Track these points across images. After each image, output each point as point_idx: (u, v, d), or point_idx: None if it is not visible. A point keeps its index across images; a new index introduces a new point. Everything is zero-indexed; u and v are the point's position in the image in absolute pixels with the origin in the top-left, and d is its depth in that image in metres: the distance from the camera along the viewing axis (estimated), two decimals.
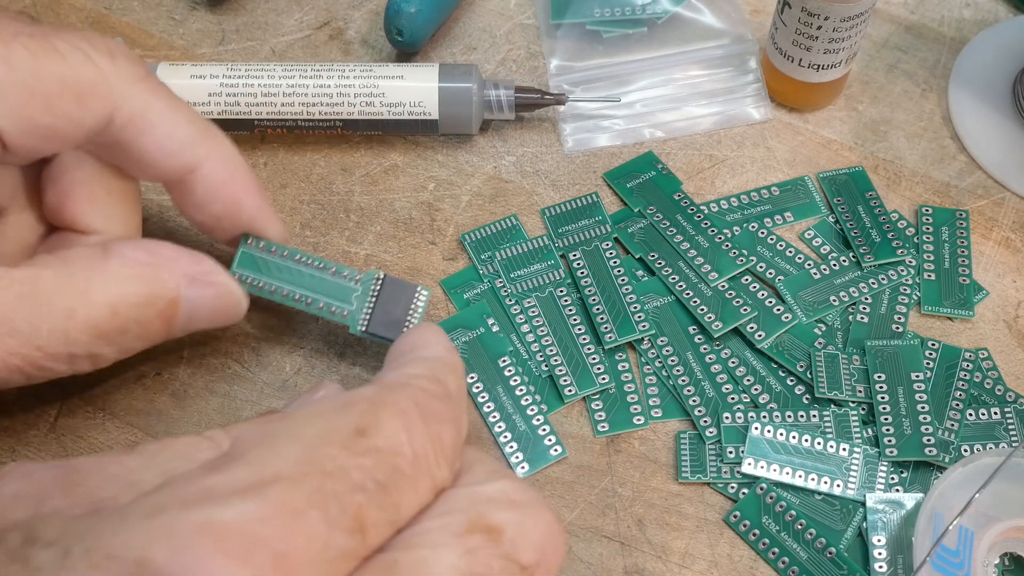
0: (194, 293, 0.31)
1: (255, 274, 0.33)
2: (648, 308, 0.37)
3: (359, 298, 0.33)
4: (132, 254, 0.30)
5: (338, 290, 0.33)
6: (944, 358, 0.36)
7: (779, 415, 0.35)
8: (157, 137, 0.30)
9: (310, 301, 0.33)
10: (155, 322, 0.30)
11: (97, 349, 0.29)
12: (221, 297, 0.32)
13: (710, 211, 0.40)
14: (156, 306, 0.30)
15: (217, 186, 0.32)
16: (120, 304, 0.29)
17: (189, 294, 0.31)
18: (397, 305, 0.34)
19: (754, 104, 0.43)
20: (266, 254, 0.33)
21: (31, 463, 0.24)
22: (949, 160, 0.42)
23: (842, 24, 0.39)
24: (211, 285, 0.31)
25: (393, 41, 0.43)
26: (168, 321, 0.31)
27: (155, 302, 0.30)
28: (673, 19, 0.45)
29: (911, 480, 0.34)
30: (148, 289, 0.30)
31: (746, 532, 0.33)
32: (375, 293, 0.33)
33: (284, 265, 0.33)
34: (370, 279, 0.34)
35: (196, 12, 0.46)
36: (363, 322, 0.33)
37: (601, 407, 0.36)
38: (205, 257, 0.31)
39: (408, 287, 0.34)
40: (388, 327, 0.33)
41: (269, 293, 0.33)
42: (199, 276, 0.31)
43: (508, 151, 0.42)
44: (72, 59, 0.28)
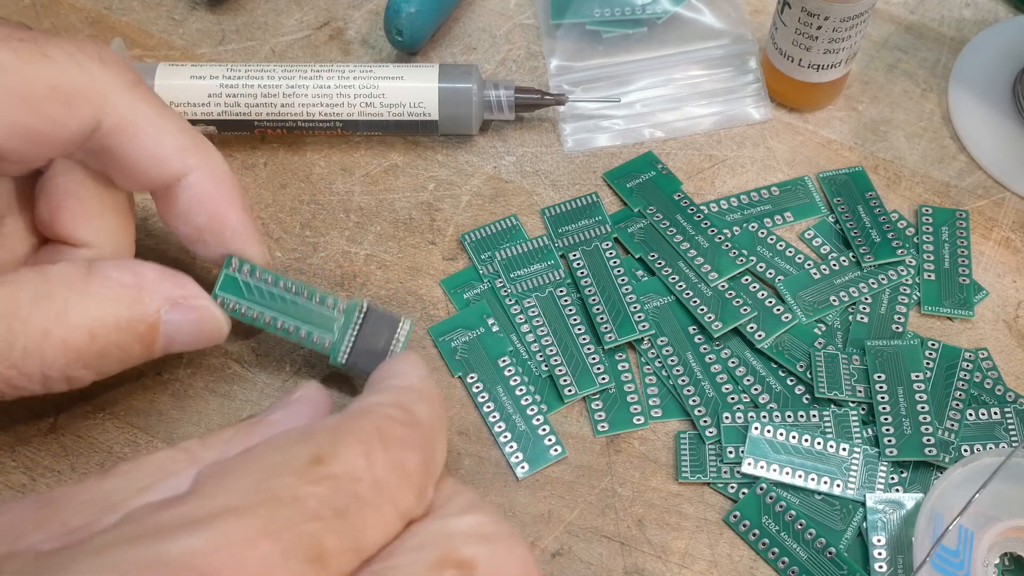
0: (175, 317, 0.30)
1: (237, 298, 0.32)
2: (648, 308, 0.37)
3: (341, 328, 0.33)
4: (115, 275, 0.30)
5: (321, 319, 0.33)
6: (944, 358, 0.36)
7: (779, 415, 0.35)
8: (145, 144, 0.30)
9: (292, 329, 0.33)
10: (134, 345, 0.30)
11: (73, 372, 0.29)
12: (202, 321, 0.31)
13: (710, 211, 0.40)
14: (136, 330, 0.30)
15: (202, 197, 0.31)
16: (99, 327, 0.29)
17: (170, 318, 0.30)
18: (379, 337, 0.33)
19: (754, 104, 0.43)
20: (249, 278, 0.33)
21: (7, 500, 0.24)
22: (949, 160, 0.42)
23: (842, 24, 0.39)
24: (193, 310, 0.31)
25: (393, 41, 0.43)
26: (148, 345, 0.30)
27: (135, 326, 0.30)
28: (673, 19, 0.45)
29: (911, 480, 0.34)
30: (128, 312, 0.29)
31: (746, 532, 0.33)
32: (358, 324, 0.33)
33: (267, 291, 0.33)
34: (353, 309, 0.33)
35: (196, 12, 0.46)
36: (344, 353, 0.33)
37: (601, 407, 0.36)
38: (189, 280, 0.31)
39: (391, 319, 0.33)
40: (369, 359, 0.33)
41: (251, 319, 0.33)
42: (181, 300, 0.31)
43: (508, 151, 0.42)
44: (61, 63, 0.28)
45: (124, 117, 0.29)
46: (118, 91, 0.29)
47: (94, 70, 0.29)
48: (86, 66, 0.29)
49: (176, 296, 0.31)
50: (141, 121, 0.30)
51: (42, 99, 0.28)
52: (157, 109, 0.30)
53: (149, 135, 0.30)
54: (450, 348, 0.37)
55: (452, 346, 0.37)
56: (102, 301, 0.29)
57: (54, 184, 0.31)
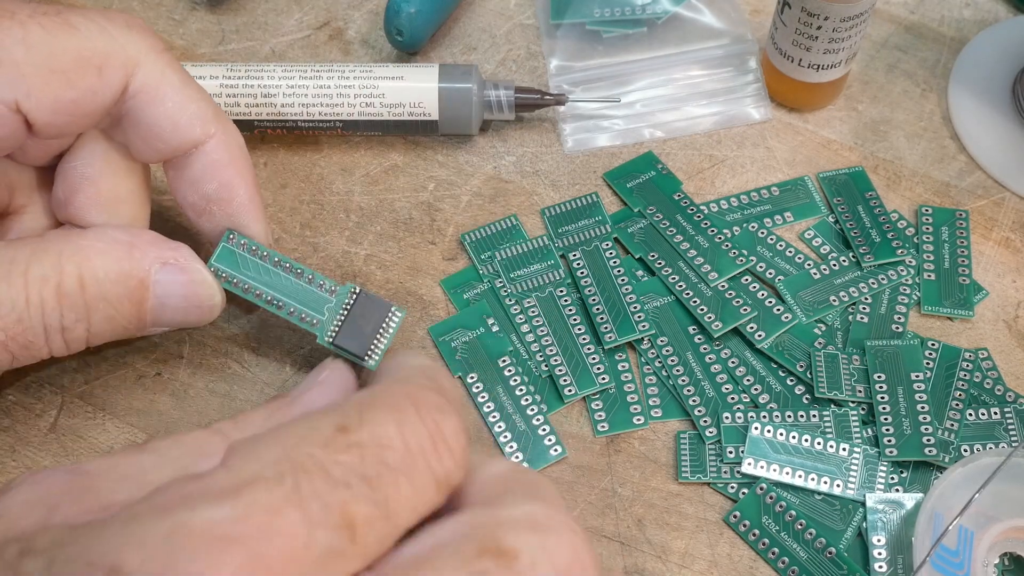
0: (166, 278, 0.31)
1: (232, 270, 0.33)
2: (648, 308, 0.37)
3: (331, 309, 0.33)
4: (109, 231, 0.30)
5: (312, 298, 0.33)
6: (944, 358, 0.36)
7: (779, 415, 0.35)
8: (168, 108, 0.31)
9: (282, 305, 0.33)
10: (124, 303, 0.30)
11: (68, 322, 0.29)
12: (193, 284, 0.31)
13: (710, 211, 0.40)
14: (126, 284, 0.30)
15: (216, 164, 0.32)
16: (88, 276, 0.29)
17: (161, 278, 0.31)
18: (369, 322, 0.33)
19: (754, 104, 0.43)
20: (246, 252, 0.33)
21: (43, 470, 0.24)
22: (949, 160, 0.42)
23: (842, 24, 0.39)
24: (184, 271, 0.31)
25: (393, 41, 0.43)
26: (138, 304, 0.30)
27: (125, 280, 0.30)
28: (673, 19, 0.45)
29: (911, 480, 0.34)
30: (118, 266, 0.30)
31: (746, 532, 0.33)
32: (348, 307, 0.33)
33: (262, 266, 0.33)
34: (345, 292, 0.33)
35: (196, 12, 0.46)
36: (331, 333, 0.33)
37: (601, 407, 0.36)
38: (184, 246, 0.31)
39: (383, 305, 0.33)
40: (356, 342, 0.32)
41: (243, 291, 0.33)
42: (173, 261, 0.31)
43: (508, 151, 0.42)
44: (88, 33, 0.29)
45: (150, 81, 0.30)
46: (145, 55, 0.30)
47: (121, 36, 0.29)
48: (113, 33, 0.29)
49: (168, 256, 0.31)
50: (166, 86, 0.30)
51: (74, 69, 0.28)
52: (181, 76, 0.31)
53: (173, 100, 0.30)
54: (450, 348, 0.37)
55: (452, 346, 0.37)
56: (94, 253, 0.30)
57: (71, 167, 0.32)
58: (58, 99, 0.28)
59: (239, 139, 0.33)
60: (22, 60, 0.28)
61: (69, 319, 0.29)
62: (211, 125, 0.31)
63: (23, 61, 0.28)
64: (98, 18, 0.29)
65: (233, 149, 0.32)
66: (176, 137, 0.31)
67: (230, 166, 0.32)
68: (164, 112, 0.31)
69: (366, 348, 0.32)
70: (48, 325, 0.29)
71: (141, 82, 0.30)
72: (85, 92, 0.29)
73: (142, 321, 0.31)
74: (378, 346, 0.32)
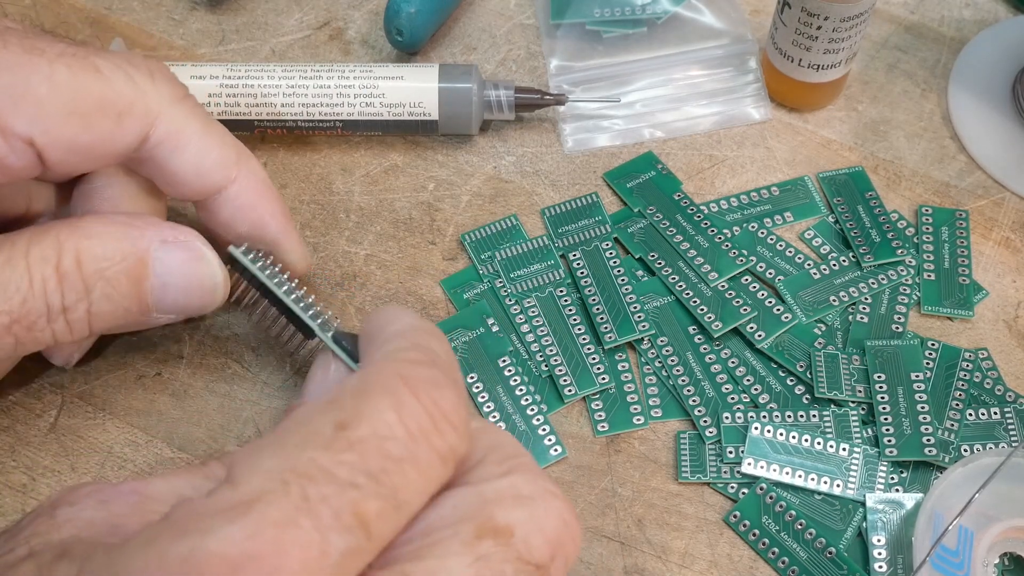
0: (166, 255, 0.30)
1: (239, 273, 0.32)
2: (648, 308, 0.37)
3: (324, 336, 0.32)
4: (111, 215, 0.31)
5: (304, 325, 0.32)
6: (944, 358, 0.36)
7: (779, 415, 0.35)
8: (190, 157, 0.31)
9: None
10: (123, 280, 0.30)
11: (69, 301, 0.29)
12: (194, 262, 0.31)
13: (710, 211, 0.40)
14: (124, 262, 0.30)
15: (244, 207, 0.32)
16: (86, 255, 0.29)
17: (161, 255, 0.30)
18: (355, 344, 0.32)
19: (754, 104, 0.43)
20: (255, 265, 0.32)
21: (106, 486, 0.24)
22: (949, 160, 0.42)
23: (842, 24, 0.39)
24: (185, 248, 0.31)
25: (393, 41, 0.43)
26: (137, 282, 0.30)
27: (123, 258, 0.30)
28: (673, 19, 0.45)
29: (911, 480, 0.34)
30: (116, 245, 0.30)
31: (746, 532, 0.33)
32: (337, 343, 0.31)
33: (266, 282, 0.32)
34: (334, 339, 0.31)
35: (196, 12, 0.46)
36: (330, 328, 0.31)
37: (601, 407, 0.36)
38: (188, 228, 0.31)
39: None
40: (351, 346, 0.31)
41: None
42: (173, 239, 0.30)
43: (508, 151, 0.42)
44: (113, 78, 0.29)
45: (171, 130, 0.30)
46: (166, 105, 0.30)
47: (144, 84, 0.30)
48: (137, 80, 0.29)
49: (169, 235, 0.30)
50: (187, 135, 0.31)
51: (93, 114, 0.29)
52: (203, 123, 0.31)
53: (194, 149, 0.31)
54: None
55: (452, 346, 0.37)
56: (92, 233, 0.29)
57: (91, 188, 0.32)
58: (74, 140, 0.28)
59: (262, 174, 0.33)
60: (44, 97, 0.28)
61: (70, 299, 0.29)
62: (232, 169, 0.32)
63: (45, 99, 0.28)
64: (124, 64, 0.29)
65: (258, 188, 0.33)
66: (199, 183, 0.31)
67: (257, 207, 0.32)
68: (186, 160, 0.31)
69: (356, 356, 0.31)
70: (50, 305, 0.29)
71: (163, 132, 0.30)
72: (102, 136, 0.29)
73: (143, 302, 0.31)
74: None
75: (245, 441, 0.35)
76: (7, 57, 0.28)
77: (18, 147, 0.28)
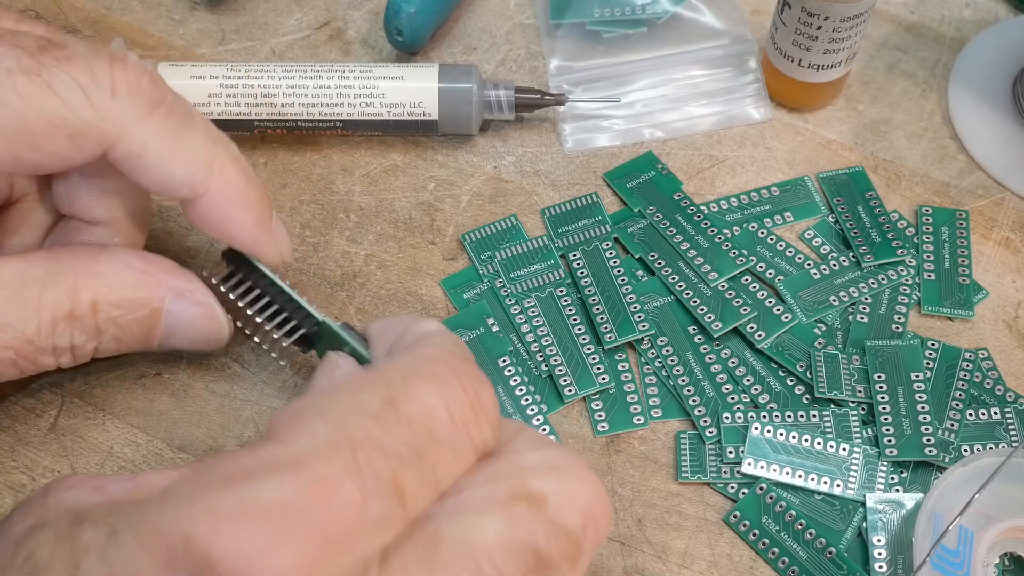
0: (179, 309, 0.31)
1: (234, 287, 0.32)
2: (648, 308, 0.37)
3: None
4: (125, 257, 0.31)
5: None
6: (944, 358, 0.36)
7: (779, 415, 0.35)
8: (152, 176, 0.30)
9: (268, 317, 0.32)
10: (134, 327, 0.31)
11: (78, 341, 0.30)
12: (205, 318, 0.32)
13: (710, 211, 0.40)
14: (138, 312, 0.30)
15: (212, 219, 0.31)
16: (102, 303, 0.30)
17: (173, 308, 0.31)
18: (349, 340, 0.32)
19: (754, 104, 0.43)
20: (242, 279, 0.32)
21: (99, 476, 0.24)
22: (949, 160, 0.42)
23: (842, 24, 0.39)
24: (197, 305, 0.32)
25: (393, 41, 0.43)
26: (148, 330, 0.31)
27: (138, 308, 0.30)
28: (673, 19, 0.45)
29: (911, 480, 0.34)
30: (132, 294, 0.30)
31: (746, 532, 0.33)
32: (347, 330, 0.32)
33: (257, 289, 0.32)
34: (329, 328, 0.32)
35: (196, 12, 0.46)
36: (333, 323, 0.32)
37: (601, 407, 0.36)
38: (194, 276, 0.32)
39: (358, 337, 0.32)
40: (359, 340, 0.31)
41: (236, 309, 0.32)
42: (186, 293, 0.31)
43: (508, 151, 0.42)
44: (68, 97, 0.27)
45: (131, 152, 0.29)
46: (128, 125, 0.29)
47: (103, 103, 0.28)
48: (95, 99, 0.28)
49: (183, 289, 0.31)
50: (149, 155, 0.29)
51: (41, 135, 0.27)
52: (171, 138, 0.29)
53: (157, 167, 0.29)
54: None
55: None
56: (109, 280, 0.30)
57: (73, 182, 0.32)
58: (21, 160, 0.28)
59: (236, 185, 0.31)
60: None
61: (79, 340, 0.30)
62: (200, 185, 0.30)
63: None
64: (83, 80, 0.28)
65: (229, 201, 0.31)
66: (166, 193, 0.30)
67: (225, 220, 0.31)
68: (149, 179, 0.30)
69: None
70: (58, 346, 0.30)
71: (123, 152, 0.29)
72: (52, 157, 0.28)
73: (149, 344, 0.32)
74: None
75: (245, 441, 0.35)
76: None
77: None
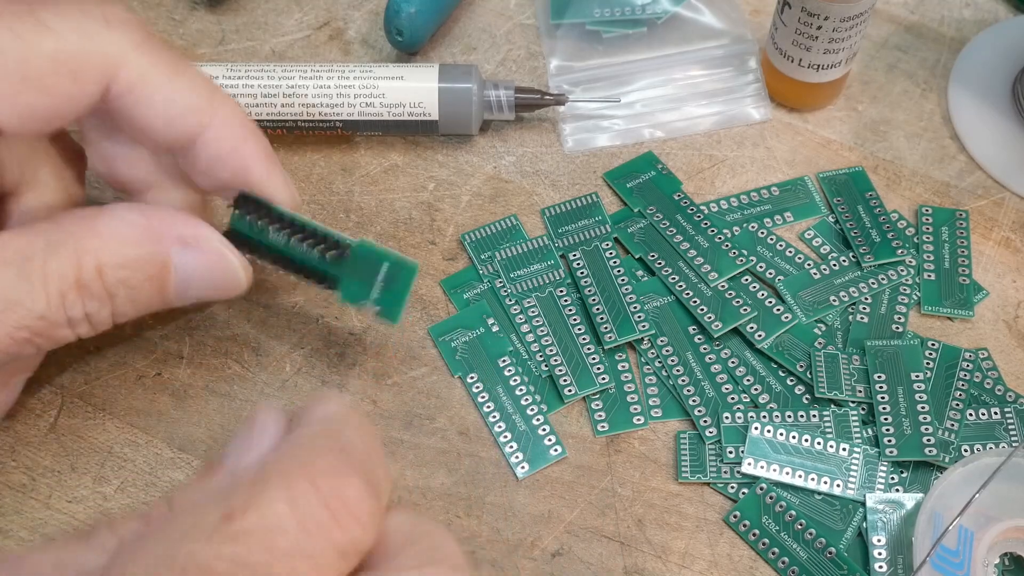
0: (187, 259, 0.30)
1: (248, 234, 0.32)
2: (648, 308, 0.37)
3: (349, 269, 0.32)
4: (123, 213, 0.29)
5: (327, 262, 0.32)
6: (944, 358, 0.36)
7: (779, 415, 0.35)
8: (155, 105, 0.29)
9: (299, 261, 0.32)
10: (145, 285, 0.30)
11: (91, 309, 0.29)
12: (215, 264, 0.31)
13: (710, 211, 0.40)
14: (146, 269, 0.29)
15: (222, 154, 0.31)
16: (107, 266, 0.29)
17: (181, 259, 0.30)
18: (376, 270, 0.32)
19: (754, 104, 0.43)
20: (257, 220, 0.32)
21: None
22: (949, 160, 0.42)
23: (842, 24, 0.39)
24: (204, 252, 0.30)
25: (393, 41, 0.43)
26: (160, 286, 0.30)
27: (144, 266, 0.29)
28: (673, 19, 0.45)
29: (911, 480, 0.34)
30: (137, 252, 0.29)
31: (746, 532, 0.33)
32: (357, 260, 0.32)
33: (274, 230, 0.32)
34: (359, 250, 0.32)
35: (196, 12, 0.46)
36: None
37: (601, 407, 0.36)
38: (200, 222, 0.31)
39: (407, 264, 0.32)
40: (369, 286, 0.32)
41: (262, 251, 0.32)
42: (192, 241, 0.30)
43: (508, 151, 0.42)
44: (63, 33, 0.27)
45: (132, 79, 0.28)
46: (125, 53, 0.28)
47: (98, 34, 0.28)
48: (89, 31, 0.28)
49: (187, 235, 0.30)
50: (150, 84, 0.29)
51: (46, 75, 0.27)
52: (169, 66, 0.29)
53: (159, 97, 0.29)
54: (450, 348, 0.37)
55: (452, 346, 0.37)
56: (110, 241, 0.29)
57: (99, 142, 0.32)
58: (30, 106, 0.27)
59: (240, 117, 0.31)
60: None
61: (92, 307, 0.29)
62: (205, 114, 0.30)
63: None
64: (74, 14, 0.27)
65: (236, 132, 0.31)
66: (170, 132, 0.30)
67: (236, 152, 0.31)
68: (152, 110, 0.29)
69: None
70: (72, 317, 0.29)
71: (124, 83, 0.28)
72: (60, 99, 0.28)
73: (166, 299, 0.31)
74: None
75: None
76: None
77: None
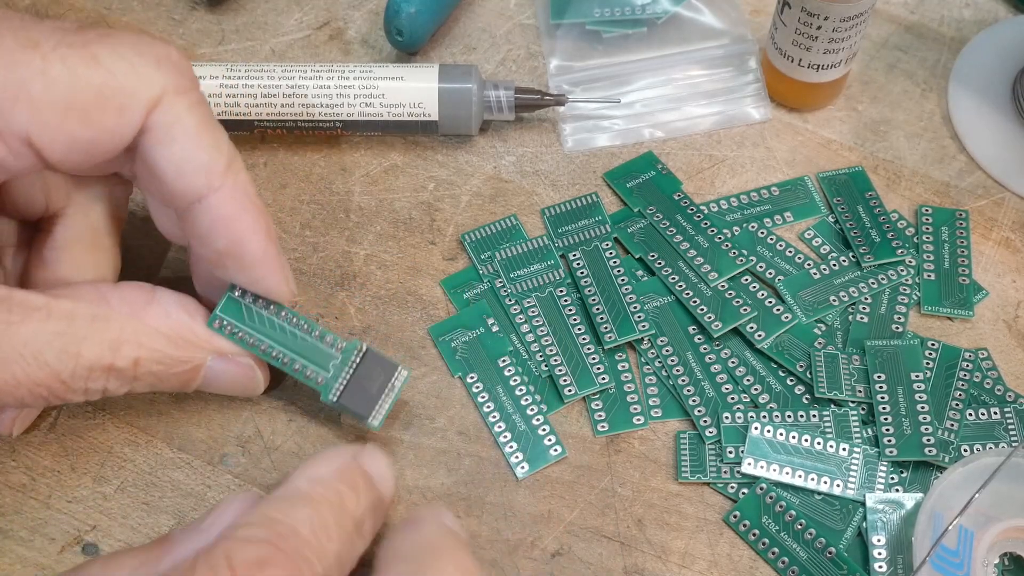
0: (219, 366, 0.32)
1: (236, 321, 0.32)
2: (648, 308, 0.37)
3: (337, 367, 0.33)
4: (171, 309, 0.31)
5: (318, 354, 0.33)
6: (944, 358, 0.36)
7: (779, 415, 0.35)
8: (174, 154, 0.29)
9: (287, 360, 0.32)
10: (172, 379, 0.31)
11: (112, 387, 0.30)
12: (242, 375, 0.33)
13: (710, 211, 0.40)
14: (177, 369, 0.31)
15: (223, 221, 0.30)
16: (144, 360, 0.30)
17: (213, 366, 0.32)
18: (374, 382, 0.33)
19: (754, 104, 0.43)
20: (252, 304, 0.32)
21: None
22: (949, 160, 0.42)
23: (842, 24, 0.39)
24: (235, 365, 0.32)
25: (393, 41, 0.43)
26: (185, 382, 0.32)
27: (177, 366, 0.31)
28: (673, 19, 0.45)
29: (911, 480, 0.34)
30: (175, 353, 0.31)
31: (746, 532, 0.33)
32: (354, 365, 0.33)
33: (268, 319, 0.32)
34: (352, 350, 0.33)
35: (196, 12, 0.46)
36: (336, 392, 0.33)
37: (601, 407, 0.36)
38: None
39: (389, 365, 0.33)
40: (361, 402, 0.33)
41: (248, 344, 0.32)
42: (230, 354, 0.32)
43: (508, 151, 0.42)
44: (113, 67, 0.28)
45: (161, 121, 0.29)
46: (167, 93, 0.29)
47: (147, 73, 0.28)
48: (139, 68, 0.28)
49: (224, 348, 0.32)
50: (177, 130, 0.29)
51: (92, 108, 0.27)
52: (199, 121, 0.29)
53: (179, 147, 0.29)
54: (450, 348, 0.37)
55: (452, 346, 0.37)
56: (154, 335, 0.30)
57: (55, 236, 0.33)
58: (74, 137, 0.27)
59: (250, 192, 0.31)
60: (39, 95, 0.27)
61: (113, 385, 0.30)
62: (217, 178, 0.30)
63: (40, 97, 0.27)
64: (127, 51, 0.28)
65: (241, 203, 0.30)
66: (179, 184, 0.29)
67: (238, 222, 0.30)
68: (170, 156, 0.29)
69: (371, 408, 0.33)
70: (90, 388, 0.29)
71: (154, 120, 0.29)
72: (103, 132, 0.28)
73: (183, 390, 0.32)
74: (383, 406, 0.33)
75: (245, 441, 0.35)
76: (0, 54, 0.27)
77: (15, 146, 0.27)
